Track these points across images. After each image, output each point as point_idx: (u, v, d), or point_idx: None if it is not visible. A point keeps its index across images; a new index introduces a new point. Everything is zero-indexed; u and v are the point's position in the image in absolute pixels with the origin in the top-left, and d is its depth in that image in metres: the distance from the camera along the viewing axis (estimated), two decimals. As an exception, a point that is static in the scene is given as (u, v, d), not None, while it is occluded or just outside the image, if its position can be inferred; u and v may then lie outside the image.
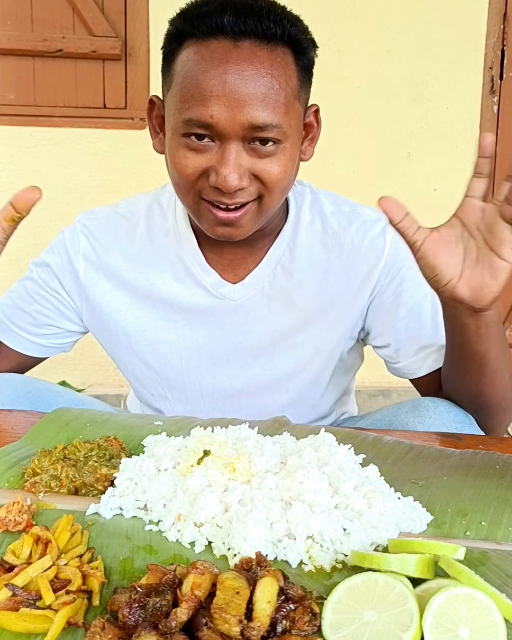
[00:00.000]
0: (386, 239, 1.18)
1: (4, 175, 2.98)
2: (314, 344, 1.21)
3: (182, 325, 1.21)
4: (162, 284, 1.20)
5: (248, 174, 1.00)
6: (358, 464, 0.83)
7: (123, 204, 1.25)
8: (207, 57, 0.96)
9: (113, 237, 1.22)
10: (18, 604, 0.60)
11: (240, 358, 1.21)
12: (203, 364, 1.22)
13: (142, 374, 1.26)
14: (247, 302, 1.19)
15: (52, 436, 0.95)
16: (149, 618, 0.56)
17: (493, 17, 3.11)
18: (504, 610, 0.58)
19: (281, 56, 0.98)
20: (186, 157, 1.00)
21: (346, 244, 1.18)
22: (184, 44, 0.99)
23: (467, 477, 0.86)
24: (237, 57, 0.95)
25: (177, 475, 0.79)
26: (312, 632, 0.57)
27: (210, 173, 1.00)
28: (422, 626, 0.56)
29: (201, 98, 0.96)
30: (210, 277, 1.18)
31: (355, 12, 3.04)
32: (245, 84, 0.95)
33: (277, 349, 1.21)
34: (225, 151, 0.98)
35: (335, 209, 1.21)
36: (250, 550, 0.67)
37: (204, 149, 0.99)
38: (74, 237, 1.22)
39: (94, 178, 3.02)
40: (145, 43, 2.93)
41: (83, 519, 0.75)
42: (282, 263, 1.18)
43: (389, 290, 1.19)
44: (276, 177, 1.01)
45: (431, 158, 3.19)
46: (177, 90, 0.99)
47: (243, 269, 1.19)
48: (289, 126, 1.00)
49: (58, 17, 2.86)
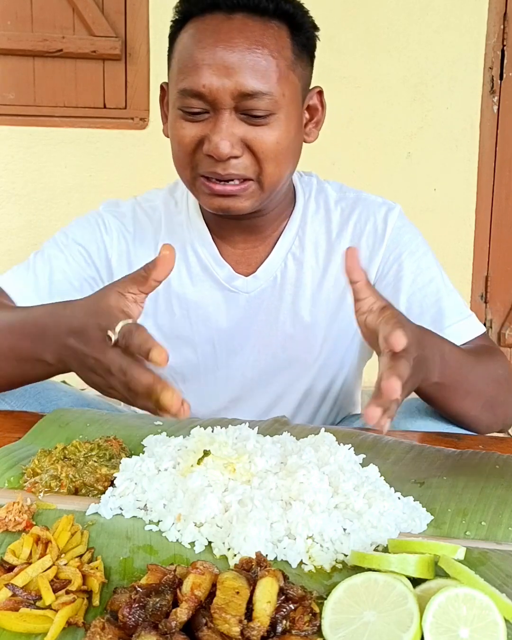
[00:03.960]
0: (388, 225, 1.19)
1: (4, 175, 2.99)
2: (322, 334, 1.22)
3: (196, 321, 1.21)
4: (177, 279, 1.20)
5: (240, 143, 1.01)
6: (358, 464, 0.83)
7: (142, 200, 1.26)
8: (201, 29, 1.00)
9: (140, 232, 1.22)
10: (18, 604, 0.60)
11: (254, 348, 1.22)
12: (218, 356, 1.23)
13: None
14: (260, 293, 1.20)
15: (52, 436, 0.95)
16: (149, 618, 0.56)
17: (493, 17, 3.12)
18: (504, 610, 0.57)
19: (274, 29, 1.01)
20: (183, 127, 1.03)
21: (348, 230, 1.20)
22: (185, 25, 1.03)
23: (467, 477, 0.86)
24: (228, 27, 0.99)
25: (177, 475, 0.79)
26: (312, 632, 0.57)
27: (204, 142, 1.02)
28: (422, 626, 0.56)
29: (194, 68, 0.99)
30: (223, 271, 1.19)
31: (355, 12, 3.05)
32: (234, 52, 0.98)
33: (289, 337, 1.22)
34: (218, 120, 1.00)
35: (339, 196, 1.22)
36: (250, 550, 0.67)
37: (200, 119, 1.02)
38: (107, 227, 1.21)
39: (94, 178, 3.02)
40: (145, 43, 2.94)
41: (83, 519, 0.75)
42: (292, 252, 1.20)
43: (389, 276, 1.19)
44: (268, 147, 1.02)
45: (431, 158, 3.20)
46: (175, 64, 1.03)
47: (255, 260, 1.20)
48: (282, 96, 1.01)
49: (58, 17, 2.87)
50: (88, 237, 1.21)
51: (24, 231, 2.98)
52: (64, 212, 2.98)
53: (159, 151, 2.98)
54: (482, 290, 3.35)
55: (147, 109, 2.98)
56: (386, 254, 1.19)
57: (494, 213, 3.29)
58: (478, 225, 3.28)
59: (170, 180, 1.27)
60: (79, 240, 1.21)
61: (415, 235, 1.22)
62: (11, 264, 1.21)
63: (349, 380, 1.32)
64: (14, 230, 2.97)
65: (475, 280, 3.32)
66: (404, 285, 1.18)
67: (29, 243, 2.97)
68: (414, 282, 1.18)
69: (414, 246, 1.20)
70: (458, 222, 3.26)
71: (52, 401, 1.13)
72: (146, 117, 2.99)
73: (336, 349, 1.24)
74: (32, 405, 1.12)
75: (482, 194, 3.26)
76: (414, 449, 0.94)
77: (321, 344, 1.23)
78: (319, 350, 1.23)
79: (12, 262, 1.22)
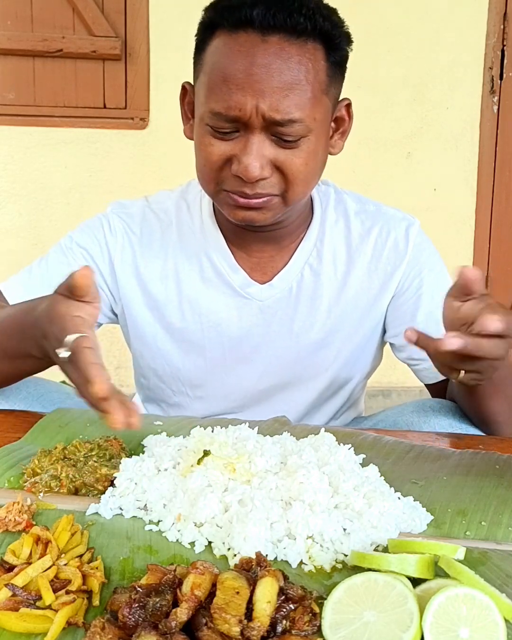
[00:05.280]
0: (409, 241, 1.19)
1: (4, 175, 2.98)
2: (337, 345, 1.21)
3: (208, 326, 1.20)
4: (190, 284, 1.19)
5: (270, 165, 1.00)
6: (358, 464, 0.83)
7: (153, 201, 1.24)
8: (235, 49, 0.96)
9: (148, 234, 1.21)
10: (18, 604, 0.60)
11: (265, 358, 1.21)
12: (228, 363, 1.22)
13: (164, 371, 1.25)
14: (274, 302, 1.19)
15: (52, 436, 0.95)
16: (149, 618, 0.56)
17: (493, 17, 3.12)
18: (504, 610, 0.58)
19: (311, 52, 0.97)
20: (211, 144, 1.01)
21: (370, 244, 1.19)
22: (215, 34, 1.00)
23: (467, 477, 0.86)
24: (264, 51, 0.95)
25: (177, 475, 0.79)
26: (312, 632, 0.57)
27: (233, 162, 1.01)
28: (422, 626, 0.56)
29: (227, 90, 0.96)
30: (238, 277, 1.18)
31: (355, 12, 3.04)
32: (270, 77, 0.95)
33: (301, 349, 1.21)
34: (249, 140, 0.98)
35: (359, 207, 1.22)
36: (250, 550, 0.67)
37: (229, 138, 1.00)
38: (112, 228, 1.21)
39: (94, 178, 3.02)
40: (145, 43, 2.93)
41: (83, 519, 0.75)
42: (309, 263, 1.19)
43: (409, 292, 1.19)
44: (297, 168, 1.01)
45: (431, 158, 3.19)
46: (205, 80, 1.00)
47: (271, 269, 1.19)
48: (313, 120, 1.00)
49: (58, 17, 2.86)
50: (91, 239, 1.21)
51: (24, 231, 2.97)
52: (64, 212, 2.98)
53: (159, 151, 2.99)
54: (482, 290, 3.35)
55: (147, 109, 2.98)
56: (406, 270, 1.19)
57: (494, 213, 3.29)
58: (478, 225, 3.28)
59: (170, 180, 1.26)
60: (82, 243, 1.21)
61: (433, 252, 1.22)
62: (11, 264, 1.22)
63: (357, 392, 1.31)
64: (14, 230, 2.97)
65: (475, 280, 3.31)
66: (424, 302, 1.18)
67: (29, 243, 2.97)
68: (433, 300, 1.17)
69: (433, 263, 1.21)
70: (458, 222, 3.26)
71: (55, 404, 1.13)
72: (146, 117, 2.99)
73: (348, 362, 1.23)
74: (35, 407, 1.12)
75: (482, 194, 3.26)
76: (414, 449, 0.94)
77: (335, 356, 1.22)
78: (331, 363, 1.22)
79: (12, 262, 1.22)
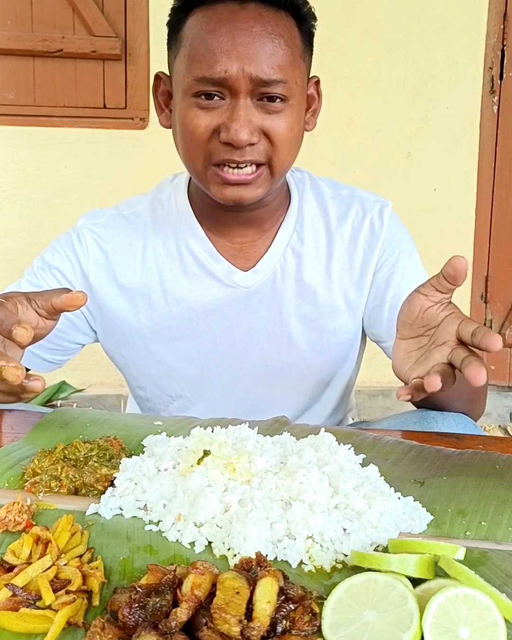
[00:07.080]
0: (384, 221, 1.22)
1: (4, 175, 2.99)
2: (327, 327, 1.22)
3: (197, 320, 1.20)
4: (173, 280, 1.20)
5: (258, 130, 1.03)
6: (358, 464, 0.83)
7: (123, 207, 1.25)
8: (215, 18, 1.01)
9: (121, 240, 1.21)
10: (18, 604, 0.60)
11: (257, 344, 1.22)
12: (221, 355, 1.22)
13: (159, 374, 1.25)
14: (260, 288, 1.20)
15: (52, 436, 0.95)
16: (149, 618, 0.56)
17: (493, 17, 3.12)
18: (504, 610, 0.57)
19: (285, 19, 1.04)
20: (197, 116, 1.04)
21: (348, 226, 1.22)
22: (191, 13, 1.04)
23: (467, 477, 0.86)
24: (244, 16, 1.01)
25: (177, 475, 0.79)
26: (312, 632, 0.57)
27: (221, 130, 1.03)
28: (422, 626, 0.56)
29: (211, 56, 1.00)
30: (221, 266, 1.19)
31: (355, 12, 3.05)
32: (253, 40, 1.00)
33: (292, 333, 1.22)
34: (236, 107, 1.01)
35: (334, 192, 1.24)
36: (250, 550, 0.67)
37: (215, 107, 1.03)
38: (82, 241, 1.21)
39: (94, 178, 3.02)
40: (145, 43, 2.94)
41: (83, 519, 0.75)
42: (291, 246, 1.20)
43: (383, 270, 1.22)
44: (283, 133, 1.05)
45: (431, 158, 3.20)
46: (186, 53, 1.03)
47: (254, 254, 1.20)
48: (295, 83, 1.04)
49: (58, 17, 2.87)
50: (62, 257, 1.21)
51: (24, 231, 2.97)
52: (64, 212, 2.98)
53: (159, 151, 2.98)
54: (482, 290, 3.35)
55: (147, 109, 2.98)
56: (381, 249, 1.22)
57: (494, 213, 3.29)
58: (478, 225, 3.28)
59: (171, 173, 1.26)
60: (52, 262, 1.21)
61: (405, 233, 1.26)
62: (11, 264, 1.22)
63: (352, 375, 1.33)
64: (14, 230, 2.96)
65: (475, 280, 3.32)
66: (394, 280, 1.21)
67: (29, 243, 2.97)
68: (403, 279, 1.20)
69: (405, 244, 1.24)
70: (458, 222, 3.26)
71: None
72: (146, 117, 2.99)
73: (339, 342, 1.25)
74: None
75: (482, 194, 3.26)
76: (414, 449, 0.94)
77: (327, 339, 1.23)
78: (324, 345, 1.23)
79: (12, 262, 1.22)
